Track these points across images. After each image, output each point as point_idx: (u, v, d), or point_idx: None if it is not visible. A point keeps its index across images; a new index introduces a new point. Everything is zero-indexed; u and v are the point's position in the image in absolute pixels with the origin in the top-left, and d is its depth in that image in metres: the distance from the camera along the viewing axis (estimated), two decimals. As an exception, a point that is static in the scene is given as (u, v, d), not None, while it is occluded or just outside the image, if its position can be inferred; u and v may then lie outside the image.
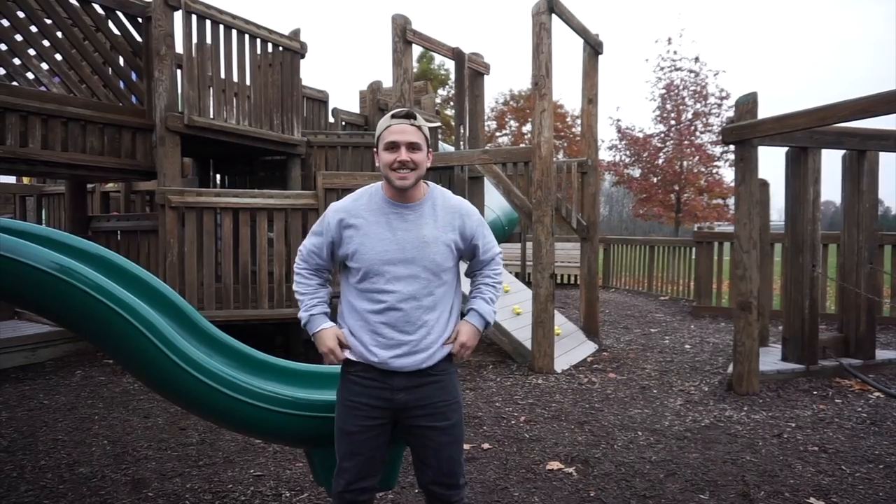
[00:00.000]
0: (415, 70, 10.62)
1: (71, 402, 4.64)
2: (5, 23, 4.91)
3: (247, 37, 6.06)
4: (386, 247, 1.94)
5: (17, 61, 5.12)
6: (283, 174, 7.06)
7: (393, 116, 1.95)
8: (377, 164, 1.99)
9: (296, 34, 6.71)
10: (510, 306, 6.70)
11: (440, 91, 27.38)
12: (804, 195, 5.31)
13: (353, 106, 10.20)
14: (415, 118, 1.95)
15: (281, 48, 6.52)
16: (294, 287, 2.11)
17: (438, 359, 2.00)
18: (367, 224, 1.97)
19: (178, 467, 3.44)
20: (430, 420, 1.99)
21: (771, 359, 5.55)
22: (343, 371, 2.05)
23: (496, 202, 8.99)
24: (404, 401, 1.97)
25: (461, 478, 2.06)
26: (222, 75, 5.89)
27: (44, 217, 7.66)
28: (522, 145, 21.34)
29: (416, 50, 7.48)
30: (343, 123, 9.07)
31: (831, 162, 5.74)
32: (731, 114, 5.41)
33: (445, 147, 9.92)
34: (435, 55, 23.79)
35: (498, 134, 29.82)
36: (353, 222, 1.98)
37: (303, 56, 6.82)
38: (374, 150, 2.01)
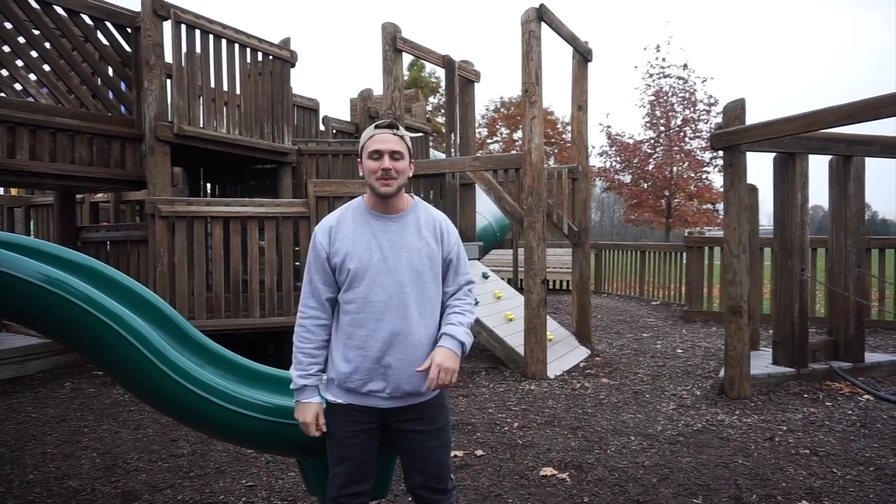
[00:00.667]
0: (405, 78, 10.67)
1: (60, 414, 4.60)
2: (-7, 33, 4.89)
3: (236, 46, 6.06)
4: (371, 255, 1.96)
5: (4, 72, 5.10)
6: (274, 182, 7.05)
7: (376, 127, 2.00)
8: (360, 173, 2.02)
9: (286, 43, 6.72)
10: (502, 312, 6.70)
11: (431, 99, 27.45)
12: (792, 200, 5.36)
13: (344, 114, 10.20)
14: (398, 128, 2.00)
15: (271, 57, 6.52)
16: (295, 339, 2.03)
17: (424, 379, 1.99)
18: (352, 235, 1.99)
19: (169, 479, 3.41)
20: (417, 424, 2.01)
21: (762, 362, 5.58)
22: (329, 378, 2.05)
23: (487, 209, 9.02)
24: (391, 404, 1.98)
25: (449, 482, 2.07)
26: (212, 84, 5.88)
27: (32, 228, 7.61)
28: (513, 152, 21.39)
29: (407, 58, 7.51)
30: (334, 131, 9.07)
31: (819, 167, 5.81)
32: (719, 120, 5.45)
33: (436, 154, 9.94)
34: (425, 63, 23.89)
35: (489, 141, 29.91)
36: (338, 235, 2.00)
37: (293, 65, 6.82)
38: (358, 159, 2.05)
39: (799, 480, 3.37)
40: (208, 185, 8.00)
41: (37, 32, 5.11)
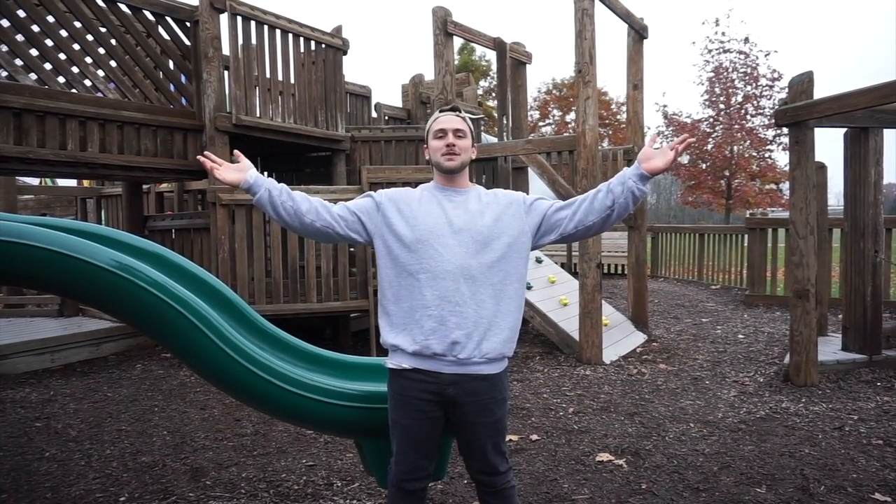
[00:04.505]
0: (456, 62, 10.57)
1: (132, 394, 4.85)
2: (64, 33, 5.12)
3: (290, 36, 6.16)
4: (436, 220, 2.03)
5: (75, 69, 5.33)
6: (329, 170, 7.17)
7: (440, 111, 2.15)
8: (427, 158, 2.15)
9: (338, 31, 6.78)
10: (557, 297, 6.64)
11: (482, 82, 27.21)
12: (865, 177, 5.08)
13: (396, 100, 10.24)
14: (460, 111, 2.15)
15: (323, 45, 6.60)
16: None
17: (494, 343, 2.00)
18: (419, 202, 2.08)
19: (234, 457, 3.55)
20: (475, 416, 2.02)
21: (830, 349, 5.35)
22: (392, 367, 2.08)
23: (540, 193, 8.90)
24: (453, 395, 2.00)
25: (503, 465, 2.11)
26: (267, 74, 6.01)
27: (103, 218, 7.98)
28: (566, 134, 21.05)
29: (458, 42, 7.46)
30: (386, 118, 9.12)
31: (893, 142, 5.47)
32: (784, 95, 5.21)
33: (488, 138, 9.87)
34: (476, 46, 23.68)
35: (541, 123, 29.48)
36: (404, 203, 2.08)
37: (345, 52, 6.89)
38: (424, 146, 2.17)
39: (871, 472, 3.22)
40: (265, 174, 8.20)
41: (103, 30, 5.33)
